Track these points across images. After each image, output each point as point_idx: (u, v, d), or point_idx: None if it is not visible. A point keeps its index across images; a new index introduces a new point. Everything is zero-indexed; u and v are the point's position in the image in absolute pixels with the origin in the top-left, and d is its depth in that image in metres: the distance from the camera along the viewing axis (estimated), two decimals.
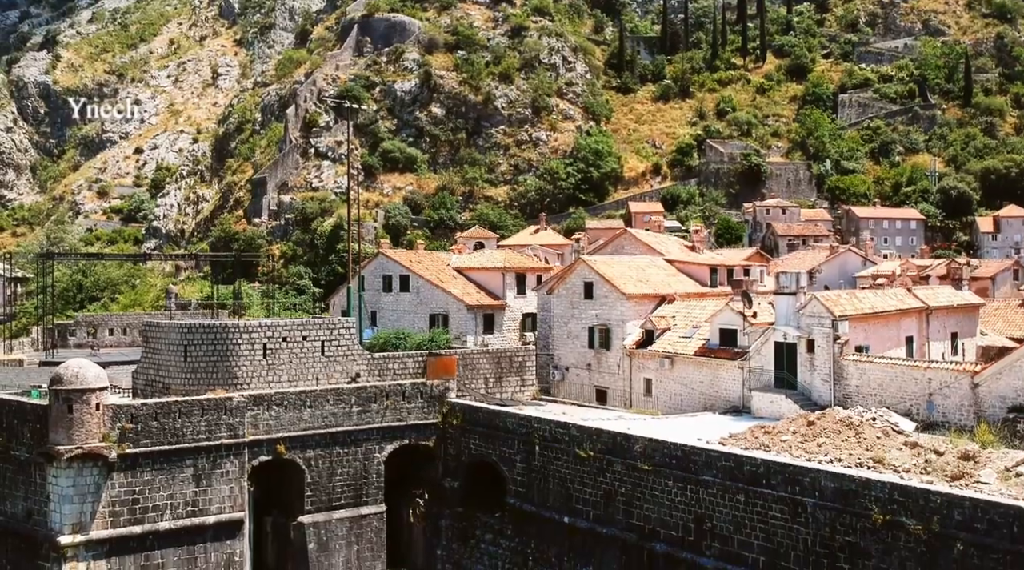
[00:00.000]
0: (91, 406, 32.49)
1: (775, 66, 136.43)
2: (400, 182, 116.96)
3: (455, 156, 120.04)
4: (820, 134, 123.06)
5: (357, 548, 37.46)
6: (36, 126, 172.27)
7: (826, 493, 26.94)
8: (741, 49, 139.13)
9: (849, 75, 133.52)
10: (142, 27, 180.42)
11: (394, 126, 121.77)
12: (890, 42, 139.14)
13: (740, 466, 29.24)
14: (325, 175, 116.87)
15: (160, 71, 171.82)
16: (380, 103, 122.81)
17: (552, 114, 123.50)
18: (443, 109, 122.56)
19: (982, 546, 23.54)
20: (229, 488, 35.07)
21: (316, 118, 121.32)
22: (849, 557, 26.28)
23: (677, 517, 30.65)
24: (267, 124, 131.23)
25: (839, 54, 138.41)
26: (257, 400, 35.99)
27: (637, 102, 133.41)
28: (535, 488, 35.57)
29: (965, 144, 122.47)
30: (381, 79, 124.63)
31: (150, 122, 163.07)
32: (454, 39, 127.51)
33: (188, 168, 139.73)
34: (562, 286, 51.93)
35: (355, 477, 37.92)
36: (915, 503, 25.00)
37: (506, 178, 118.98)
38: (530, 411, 38.48)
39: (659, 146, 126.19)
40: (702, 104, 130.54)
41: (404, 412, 39.11)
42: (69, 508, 32.51)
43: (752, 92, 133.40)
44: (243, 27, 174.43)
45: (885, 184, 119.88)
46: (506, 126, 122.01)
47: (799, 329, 40.40)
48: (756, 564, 28.46)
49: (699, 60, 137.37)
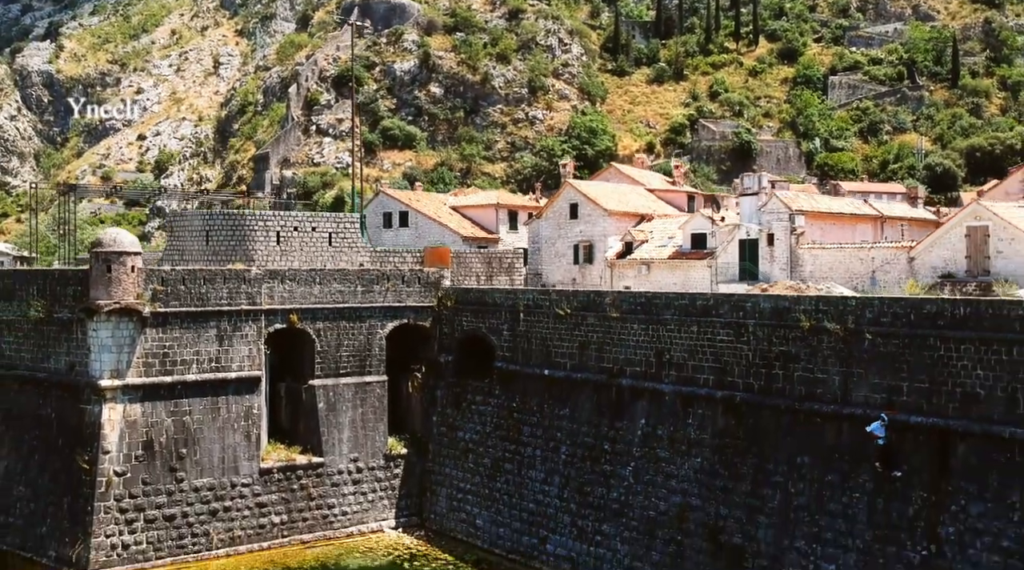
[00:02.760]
0: (127, 267, 37.82)
1: (767, 50, 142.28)
2: (399, 159, 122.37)
3: (453, 134, 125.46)
4: (810, 114, 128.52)
5: (362, 410, 42.78)
6: (39, 114, 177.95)
7: (764, 313, 32.33)
8: (734, 33, 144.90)
9: (839, 58, 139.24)
10: (144, 18, 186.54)
11: (394, 105, 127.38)
12: (880, 27, 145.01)
13: (694, 302, 34.69)
14: (326, 151, 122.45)
15: (162, 60, 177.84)
16: (380, 83, 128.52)
17: (548, 94, 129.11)
18: (442, 89, 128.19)
19: (886, 334, 28.95)
20: (248, 349, 40.37)
21: (317, 96, 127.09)
22: (783, 363, 31.66)
23: (641, 354, 36.00)
24: (269, 105, 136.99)
25: (830, 38, 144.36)
26: (272, 274, 41.37)
27: (632, 84, 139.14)
28: (519, 351, 40.95)
29: (951, 123, 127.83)
30: (381, 60, 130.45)
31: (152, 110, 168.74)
32: (452, 21, 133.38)
33: (191, 150, 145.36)
34: (550, 209, 57.43)
35: (360, 349, 43.21)
36: (835, 309, 30.41)
37: (503, 155, 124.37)
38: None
39: (653, 126, 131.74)
40: (695, 86, 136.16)
41: (403, 294, 44.46)
42: (108, 357, 37.76)
43: (745, 75, 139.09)
44: (244, 17, 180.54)
45: (873, 162, 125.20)
46: (503, 105, 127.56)
47: (760, 225, 45.81)
48: (707, 383, 33.84)
49: (693, 44, 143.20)
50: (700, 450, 33.83)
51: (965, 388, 27.36)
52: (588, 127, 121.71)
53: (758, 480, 31.88)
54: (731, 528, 32.19)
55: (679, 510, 33.78)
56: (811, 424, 30.90)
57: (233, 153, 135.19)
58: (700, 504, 33.27)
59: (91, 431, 37.74)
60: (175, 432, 38.88)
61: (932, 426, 27.92)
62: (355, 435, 42.88)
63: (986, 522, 26.41)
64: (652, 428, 35.49)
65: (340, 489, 42.23)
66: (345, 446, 42.61)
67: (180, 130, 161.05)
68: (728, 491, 32.63)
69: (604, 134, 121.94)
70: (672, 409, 35.01)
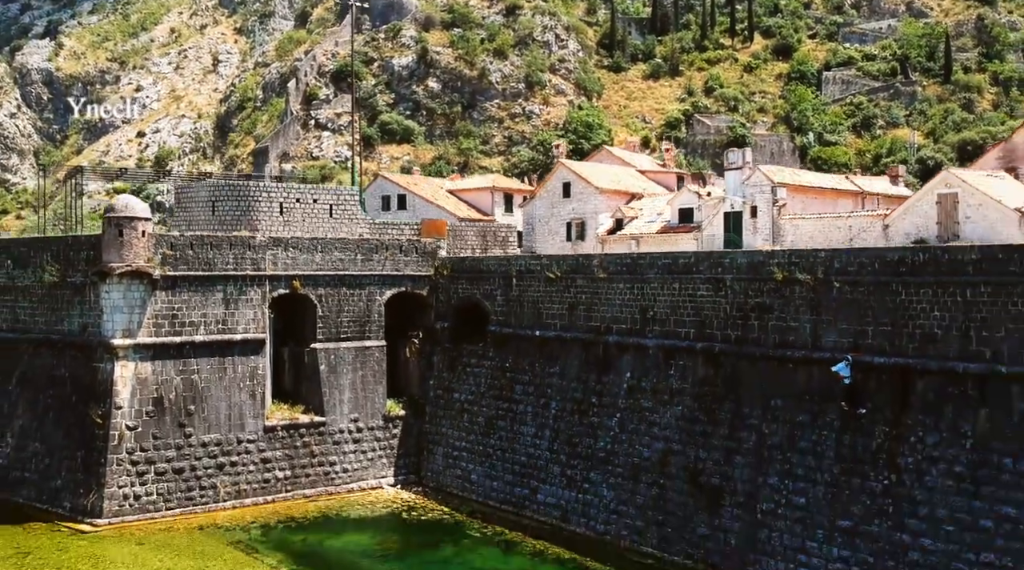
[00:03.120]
0: (138, 232, 40.17)
1: (762, 46, 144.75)
2: (397, 152, 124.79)
3: (451, 128, 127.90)
4: (804, 109, 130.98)
5: (362, 373, 45.10)
6: (39, 112, 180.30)
7: (741, 268, 34.71)
8: (729, 30, 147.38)
9: (833, 54, 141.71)
10: (143, 16, 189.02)
11: (392, 100, 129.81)
12: (874, 23, 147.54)
13: (676, 260, 37.04)
14: (325, 145, 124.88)
15: (161, 58, 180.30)
16: (379, 78, 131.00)
17: (545, 89, 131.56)
18: (439, 83, 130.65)
19: (853, 283, 31.33)
20: (253, 312, 42.69)
21: (316, 91, 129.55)
22: (758, 314, 34.05)
23: (626, 312, 38.35)
24: (268, 100, 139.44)
25: (824, 35, 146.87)
26: (276, 241, 43.72)
27: (628, 80, 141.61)
28: (512, 314, 43.30)
29: (944, 118, 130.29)
30: (379, 55, 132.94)
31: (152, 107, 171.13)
32: (450, 17, 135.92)
33: (191, 146, 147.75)
34: (543, 189, 59.81)
35: (359, 315, 45.54)
36: (806, 261, 32.80)
37: (500, 149, 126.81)
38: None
39: (649, 121, 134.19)
40: (691, 82, 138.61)
41: (401, 264, 46.81)
42: (120, 317, 40.08)
43: (740, 71, 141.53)
44: (243, 15, 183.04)
45: (866, 156, 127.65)
46: (500, 100, 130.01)
47: (744, 198, 48.19)
48: (688, 335, 36.20)
49: (688, 40, 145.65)
50: (681, 399, 36.17)
51: (924, 329, 29.71)
52: (584, 122, 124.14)
53: (735, 424, 34.21)
54: (710, 470, 34.51)
55: (661, 455, 36.10)
56: (784, 369, 33.25)
57: (233, 148, 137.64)
58: (681, 449, 35.59)
59: (104, 388, 40.03)
60: (184, 390, 41.18)
61: (894, 365, 30.27)
62: (355, 396, 45.18)
63: (941, 450, 28.75)
64: (636, 380, 37.83)
65: (341, 447, 44.54)
66: (346, 407, 44.92)
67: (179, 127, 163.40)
68: (707, 435, 34.97)
69: (600, 129, 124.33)
70: (655, 362, 37.36)
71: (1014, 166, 50.81)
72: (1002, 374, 27.68)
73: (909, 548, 28.74)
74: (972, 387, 28.47)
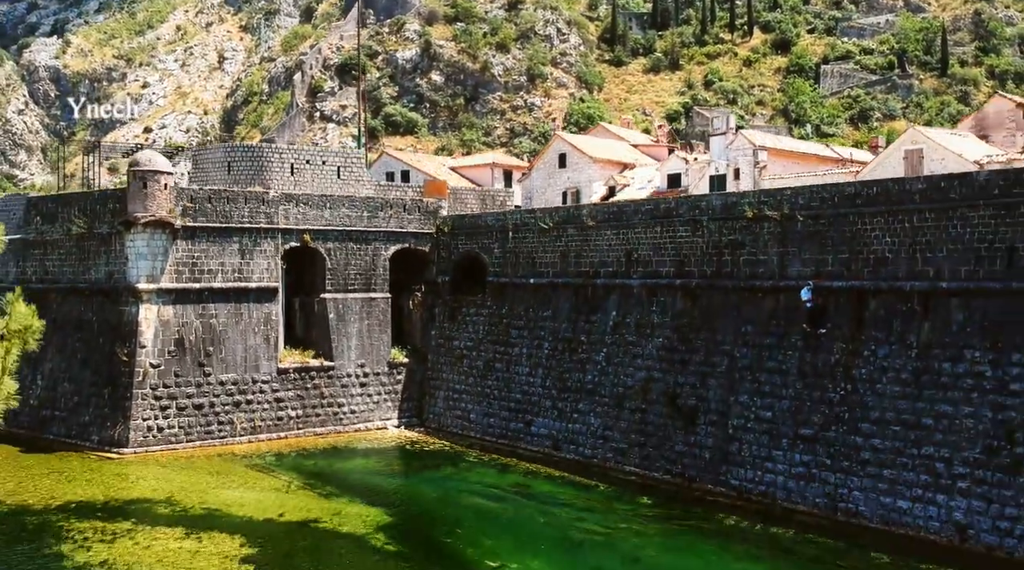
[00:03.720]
0: (161, 185, 44.02)
1: (761, 41, 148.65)
2: (402, 144, 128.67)
3: (454, 120, 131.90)
4: (801, 101, 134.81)
5: (368, 322, 48.89)
6: (46, 109, 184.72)
7: (716, 209, 38.50)
8: (729, 25, 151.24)
9: (832, 48, 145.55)
10: (149, 15, 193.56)
11: (396, 92, 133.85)
12: (872, 18, 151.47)
13: (658, 206, 40.83)
14: (330, 136, 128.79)
15: (167, 56, 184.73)
16: (383, 71, 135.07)
17: (547, 82, 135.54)
18: (442, 76, 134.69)
19: (815, 216, 35.08)
20: (267, 263, 46.50)
21: (321, 84, 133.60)
22: (731, 250, 37.80)
23: (613, 256, 42.13)
24: (274, 94, 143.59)
25: (823, 29, 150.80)
26: (288, 197, 47.56)
27: (628, 74, 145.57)
28: (508, 265, 47.08)
29: (940, 110, 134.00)
30: (383, 48, 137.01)
31: (158, 104, 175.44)
32: (453, 11, 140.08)
33: (197, 139, 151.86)
34: (540, 161, 63.66)
35: (365, 269, 49.35)
36: (774, 199, 36.59)
37: (502, 141, 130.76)
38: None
39: (649, 113, 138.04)
40: (691, 75, 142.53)
41: (405, 221, 50.61)
42: (144, 264, 43.93)
43: (739, 64, 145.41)
44: (248, 13, 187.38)
45: (863, 147, 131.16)
46: (502, 92, 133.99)
47: (728, 161, 51.96)
48: (668, 274, 39.95)
49: (689, 35, 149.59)
50: (662, 331, 39.93)
51: (877, 254, 33.48)
52: (585, 114, 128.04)
53: (709, 350, 37.97)
54: (687, 393, 38.26)
55: (644, 383, 39.86)
56: (754, 298, 37.02)
57: (239, 140, 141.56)
58: (661, 376, 39.34)
59: (129, 329, 43.88)
60: (203, 332, 44.99)
61: (850, 288, 34.04)
62: (362, 344, 48.99)
63: (891, 361, 32.49)
64: (622, 317, 41.61)
65: (349, 390, 48.32)
66: (353, 353, 48.71)
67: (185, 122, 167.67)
68: (685, 363, 38.73)
69: (601, 121, 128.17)
70: (639, 300, 41.14)
71: (986, 134, 54.58)
72: (943, 289, 31.41)
73: (861, 448, 32.45)
74: (917, 303, 32.22)
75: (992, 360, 30.01)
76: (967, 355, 30.65)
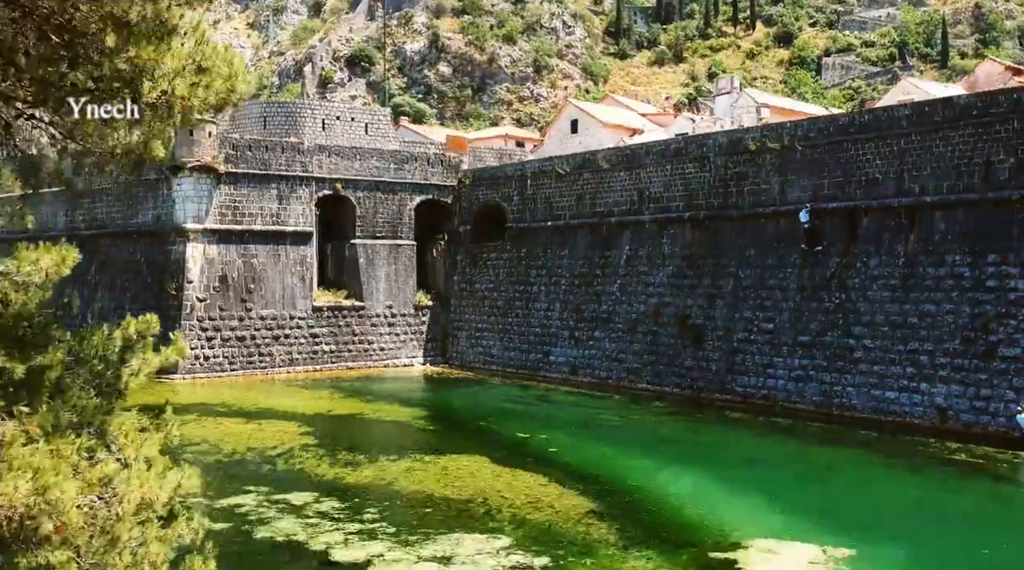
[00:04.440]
0: (205, 132, 48.15)
1: (764, 34, 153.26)
2: None
3: (461, 111, 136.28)
4: (803, 92, 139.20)
5: (395, 267, 53.03)
6: None
7: (722, 146, 42.66)
8: (732, 18, 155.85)
9: (833, 41, 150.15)
10: None
11: (404, 83, 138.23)
12: (874, 12, 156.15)
13: (668, 146, 45.04)
14: None
15: None
16: (391, 63, 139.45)
17: (552, 73, 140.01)
18: (450, 68, 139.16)
19: (813, 145, 39.24)
20: (302, 209, 50.66)
21: (331, 75, 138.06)
22: (736, 182, 41.94)
23: (626, 196, 46.30)
24: (284, 86, 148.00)
25: (824, 23, 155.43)
26: (321, 148, 51.73)
27: (633, 67, 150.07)
28: (527, 211, 51.25)
29: None
30: (392, 41, 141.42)
31: None
32: (460, 4, 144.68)
33: None
34: (553, 128, 67.89)
35: (393, 217, 53.51)
36: (775, 132, 40.75)
37: None
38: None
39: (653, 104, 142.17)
40: (694, 68, 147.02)
41: (428, 174, 54.79)
42: (191, 205, 48.09)
43: (742, 57, 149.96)
44: (256, 11, 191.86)
45: None
46: (509, 83, 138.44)
47: (733, 119, 56.15)
48: (678, 208, 44.10)
49: (692, 29, 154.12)
50: (672, 261, 44.07)
51: (868, 176, 37.62)
52: None
53: (716, 274, 42.10)
54: (695, 313, 42.37)
55: (655, 309, 43.98)
56: (756, 224, 41.15)
57: None
58: (671, 300, 43.47)
59: (177, 266, 48.01)
60: (244, 271, 49.11)
61: (844, 208, 38.17)
62: (389, 287, 53.13)
63: (880, 269, 36.61)
64: (634, 251, 45.76)
65: (378, 329, 52.45)
66: (382, 295, 52.85)
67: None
68: (693, 287, 42.85)
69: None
70: (650, 234, 45.29)
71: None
72: (927, 203, 35.56)
73: (854, 349, 36.55)
74: (904, 217, 36.35)
75: (970, 262, 34.12)
76: (948, 260, 34.76)
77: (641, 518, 22.30)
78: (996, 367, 32.53)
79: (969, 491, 26.16)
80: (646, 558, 19.03)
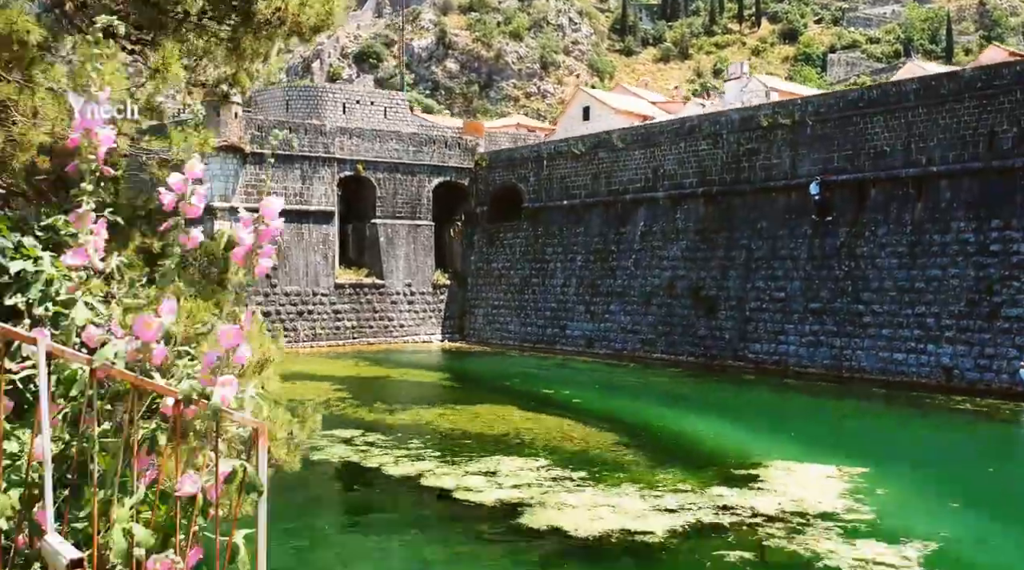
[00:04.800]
0: (231, 113, 49.92)
1: (769, 31, 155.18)
2: None
3: (469, 106, 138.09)
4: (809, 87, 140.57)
5: (414, 247, 54.82)
6: None
7: (734, 123, 44.43)
8: (738, 16, 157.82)
9: (839, 38, 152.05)
10: None
11: (412, 80, 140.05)
12: (879, 8, 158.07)
13: (683, 125, 46.78)
14: None
15: None
16: (399, 59, 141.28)
17: (559, 70, 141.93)
18: (457, 64, 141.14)
19: (823, 120, 40.99)
20: (324, 189, 52.45)
21: (339, 71, 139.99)
22: (748, 157, 43.73)
23: (641, 174, 48.07)
24: (292, 83, 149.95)
25: (830, 20, 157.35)
26: (343, 130, 53.50)
27: (639, 63, 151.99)
28: (543, 190, 53.03)
29: None
30: (400, 37, 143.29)
31: None
32: (467, 1, 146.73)
33: None
34: (565, 115, 69.66)
35: (411, 198, 55.31)
36: (787, 108, 42.53)
37: None
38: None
39: None
40: (699, 64, 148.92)
41: (446, 156, 56.58)
42: (218, 185, 49.78)
43: (747, 53, 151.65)
44: None
45: None
46: (516, 80, 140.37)
47: (743, 104, 57.87)
48: (692, 184, 45.86)
49: (698, 26, 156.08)
50: (686, 235, 45.83)
51: (876, 148, 39.39)
52: None
53: (729, 247, 43.86)
54: (709, 285, 44.12)
55: (669, 281, 45.74)
56: (768, 198, 42.91)
57: None
58: (685, 273, 45.23)
59: None
60: None
61: (853, 180, 39.94)
62: (408, 266, 54.90)
63: (888, 237, 38.37)
64: (649, 227, 47.52)
65: (398, 306, 54.22)
66: (401, 273, 54.62)
67: None
68: (707, 260, 44.61)
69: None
70: (664, 210, 47.06)
71: None
72: (933, 173, 37.33)
73: (863, 314, 38.30)
74: (912, 187, 38.12)
75: (975, 228, 35.89)
76: (953, 226, 36.53)
77: (667, 446, 24.10)
78: (1000, 327, 34.27)
79: (974, 430, 27.94)
80: (673, 473, 20.78)
